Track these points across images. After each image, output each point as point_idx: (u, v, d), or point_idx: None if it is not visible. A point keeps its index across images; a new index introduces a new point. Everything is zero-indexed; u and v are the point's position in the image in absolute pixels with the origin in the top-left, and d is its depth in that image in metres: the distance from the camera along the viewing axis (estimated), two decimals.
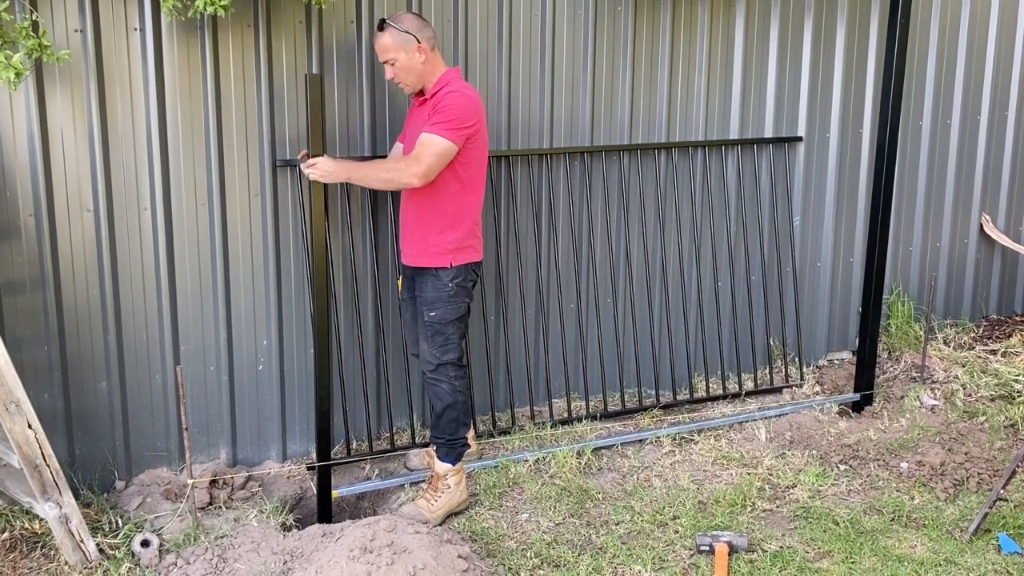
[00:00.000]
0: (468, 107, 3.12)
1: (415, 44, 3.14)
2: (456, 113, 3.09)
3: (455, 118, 3.08)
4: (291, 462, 3.66)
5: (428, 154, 3.08)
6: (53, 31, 3.02)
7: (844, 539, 3.20)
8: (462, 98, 3.12)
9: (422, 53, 3.16)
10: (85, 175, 3.17)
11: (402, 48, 3.14)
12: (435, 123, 3.09)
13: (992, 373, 4.34)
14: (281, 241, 3.49)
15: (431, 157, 3.08)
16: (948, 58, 4.60)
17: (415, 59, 3.16)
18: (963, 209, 4.84)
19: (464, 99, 3.12)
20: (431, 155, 3.08)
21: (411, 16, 3.20)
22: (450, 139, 3.08)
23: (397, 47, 3.14)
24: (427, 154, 3.08)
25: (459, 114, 3.09)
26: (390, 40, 3.14)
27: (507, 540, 3.21)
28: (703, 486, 3.56)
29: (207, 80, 3.25)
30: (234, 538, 3.11)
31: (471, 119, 3.12)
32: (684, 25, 4.02)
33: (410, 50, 3.14)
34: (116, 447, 3.39)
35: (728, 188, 4.23)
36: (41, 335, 3.20)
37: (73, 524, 2.94)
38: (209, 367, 3.47)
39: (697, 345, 4.32)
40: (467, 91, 3.17)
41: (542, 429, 3.91)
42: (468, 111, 3.12)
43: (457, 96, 3.12)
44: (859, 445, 3.87)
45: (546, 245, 3.96)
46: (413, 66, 3.16)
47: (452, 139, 3.08)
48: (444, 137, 3.08)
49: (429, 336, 3.28)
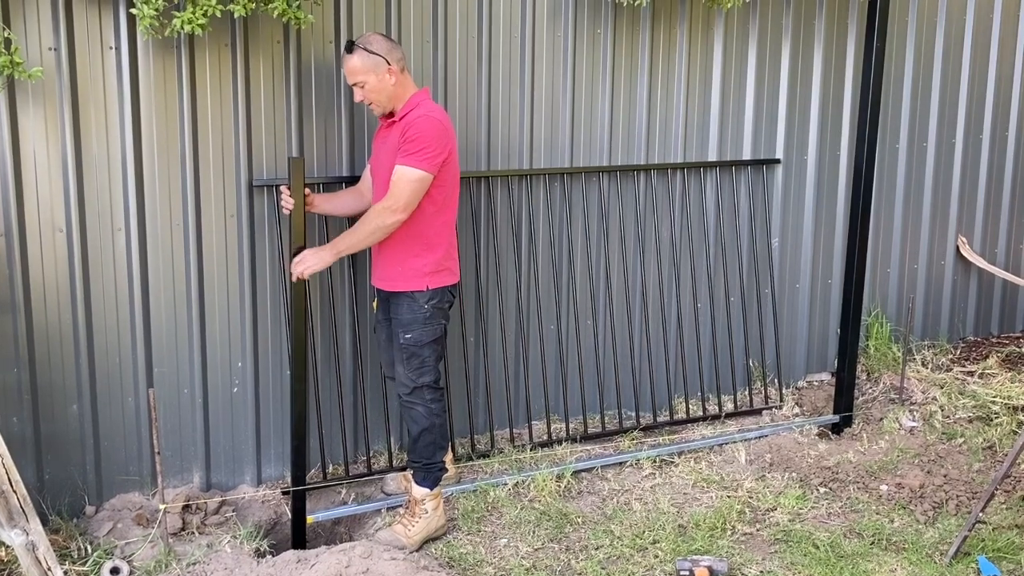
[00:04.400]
0: (439, 132, 3.09)
1: (385, 66, 3.11)
2: (427, 141, 3.05)
3: (427, 146, 3.05)
4: (266, 486, 3.60)
5: (405, 189, 3.05)
6: (26, 48, 2.98)
7: (824, 563, 3.18)
8: (431, 123, 3.08)
9: (392, 75, 3.12)
10: (57, 194, 3.12)
11: (372, 71, 3.10)
12: (407, 154, 3.05)
13: (970, 395, 4.36)
14: (257, 262, 3.45)
15: (408, 191, 3.05)
16: (923, 82, 4.66)
17: (385, 81, 3.12)
18: (939, 231, 4.88)
19: (433, 124, 3.09)
20: (408, 189, 3.05)
21: (380, 37, 3.16)
22: (424, 168, 3.05)
23: (367, 69, 3.10)
24: (404, 189, 3.05)
25: (430, 142, 3.06)
26: (360, 63, 3.10)
27: (485, 566, 3.17)
28: (683, 509, 3.54)
29: (183, 99, 3.22)
30: (207, 564, 3.05)
31: (443, 144, 3.10)
32: (663, 47, 4.04)
33: (380, 72, 3.11)
34: (87, 471, 3.33)
35: (707, 210, 4.24)
36: (11, 358, 3.14)
37: (40, 551, 2.87)
38: (183, 390, 3.42)
39: (677, 366, 4.31)
40: (435, 114, 3.13)
41: (521, 452, 3.88)
42: (439, 137, 3.09)
43: (426, 121, 3.08)
44: (839, 467, 3.86)
45: (526, 266, 3.95)
46: (383, 88, 3.13)
47: (427, 168, 3.06)
48: (418, 168, 3.05)
49: (405, 359, 3.25)
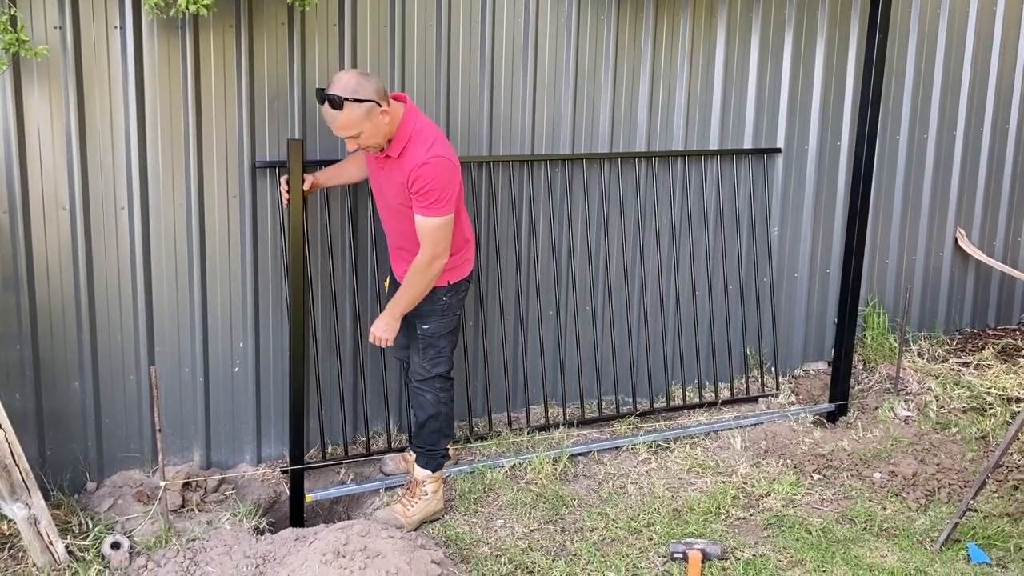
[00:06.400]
0: (446, 174, 2.99)
1: (378, 109, 2.91)
2: (438, 191, 2.97)
3: (440, 194, 2.97)
4: (265, 465, 3.63)
5: (437, 236, 3.02)
6: (32, 26, 2.99)
7: (816, 548, 3.22)
8: (437, 170, 2.96)
9: (385, 114, 2.93)
10: (61, 173, 3.14)
11: (366, 119, 2.90)
12: (424, 205, 2.98)
13: (965, 385, 4.39)
14: (259, 243, 3.47)
15: (439, 237, 3.02)
16: (925, 73, 4.66)
17: (380, 124, 2.93)
18: (938, 223, 4.89)
19: (439, 169, 2.96)
20: (439, 236, 3.02)
21: (358, 77, 2.91)
22: (443, 214, 3.00)
23: (361, 120, 2.89)
24: (435, 237, 3.02)
25: (443, 187, 2.97)
26: (351, 117, 2.88)
27: (481, 546, 3.20)
28: (678, 494, 3.57)
29: (187, 79, 3.24)
30: (206, 541, 3.09)
31: (453, 182, 3.02)
32: (666, 35, 4.04)
33: (374, 116, 2.91)
34: (88, 448, 3.36)
35: (707, 198, 4.26)
36: (13, 334, 3.17)
37: (42, 525, 2.91)
38: (184, 369, 3.45)
39: (674, 353, 4.34)
40: (436, 151, 2.98)
41: (519, 435, 3.91)
42: (448, 179, 2.99)
43: (431, 170, 2.95)
44: (833, 455, 3.89)
45: (526, 252, 3.97)
46: (379, 131, 2.95)
47: (447, 212, 3.01)
48: (439, 216, 2.99)
49: (421, 348, 3.27)
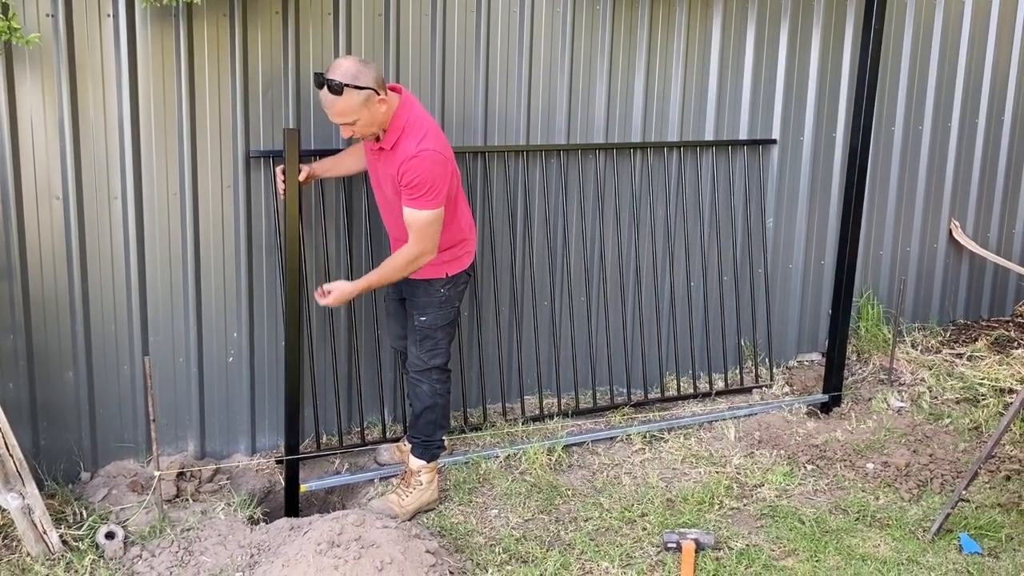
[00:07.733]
0: (436, 167, 2.96)
1: (376, 97, 2.89)
2: (428, 184, 2.94)
3: (430, 187, 2.95)
4: (260, 455, 3.64)
5: (425, 231, 2.99)
6: (24, 15, 2.97)
7: (809, 538, 3.23)
8: (427, 163, 2.93)
9: (383, 103, 2.91)
10: (54, 162, 3.13)
11: (364, 106, 2.88)
12: (413, 198, 2.96)
13: (958, 376, 4.41)
14: (253, 233, 3.46)
15: (428, 232, 2.99)
16: (921, 65, 4.66)
17: (377, 111, 2.92)
18: (933, 214, 4.90)
19: (429, 162, 2.94)
20: (428, 231, 2.99)
21: (358, 64, 2.90)
22: (435, 207, 2.97)
23: (359, 107, 2.87)
24: (424, 232, 2.99)
25: (433, 181, 2.95)
26: (350, 103, 2.86)
27: (476, 535, 3.21)
28: (672, 484, 3.58)
29: (181, 69, 3.22)
30: (200, 531, 3.09)
31: (444, 175, 3.00)
32: (662, 25, 4.03)
33: (372, 104, 2.89)
34: (82, 438, 3.36)
35: (702, 189, 4.26)
36: (7, 324, 3.16)
37: (36, 515, 2.91)
38: (178, 359, 3.44)
39: (669, 344, 4.35)
40: (427, 144, 2.95)
41: (514, 426, 3.91)
42: (438, 172, 2.97)
43: (420, 163, 2.92)
44: (826, 445, 3.91)
45: (521, 242, 3.97)
46: (376, 119, 2.93)
47: (437, 205, 2.98)
48: (428, 209, 2.96)
49: (418, 340, 3.26)
